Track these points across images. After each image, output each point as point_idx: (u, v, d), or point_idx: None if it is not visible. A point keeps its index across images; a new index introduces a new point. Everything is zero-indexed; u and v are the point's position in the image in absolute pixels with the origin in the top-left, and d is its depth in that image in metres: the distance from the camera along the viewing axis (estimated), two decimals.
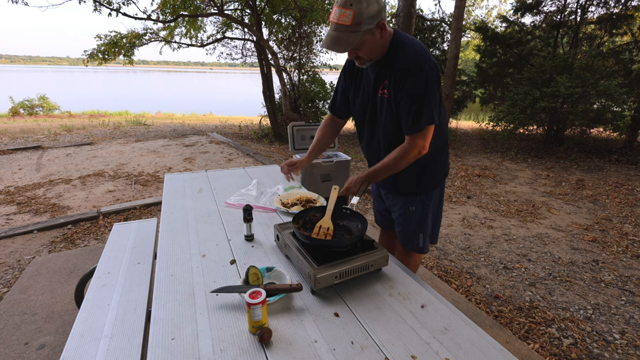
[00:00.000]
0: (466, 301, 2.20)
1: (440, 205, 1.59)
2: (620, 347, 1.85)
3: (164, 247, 1.33)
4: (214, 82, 62.39)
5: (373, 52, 1.24)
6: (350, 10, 1.10)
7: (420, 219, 1.52)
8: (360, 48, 1.20)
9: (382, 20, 1.17)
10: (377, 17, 1.15)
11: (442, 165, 1.50)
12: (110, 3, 6.29)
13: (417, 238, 1.55)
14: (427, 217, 1.52)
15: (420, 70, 1.20)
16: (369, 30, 1.16)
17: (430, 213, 1.53)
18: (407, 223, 1.55)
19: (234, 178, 2.18)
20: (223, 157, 5.77)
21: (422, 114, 1.23)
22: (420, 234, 1.54)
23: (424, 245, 1.57)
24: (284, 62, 8.31)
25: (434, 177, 1.48)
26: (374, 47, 1.22)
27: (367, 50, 1.22)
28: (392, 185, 1.54)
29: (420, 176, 1.46)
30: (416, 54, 1.21)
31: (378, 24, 1.16)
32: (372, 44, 1.20)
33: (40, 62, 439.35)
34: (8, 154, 5.64)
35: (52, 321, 1.93)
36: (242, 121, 11.28)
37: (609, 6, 7.04)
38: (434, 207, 1.54)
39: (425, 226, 1.54)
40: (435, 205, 1.55)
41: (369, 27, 1.15)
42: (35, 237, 2.92)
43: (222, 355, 0.83)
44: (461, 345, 0.87)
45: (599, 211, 3.76)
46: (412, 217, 1.52)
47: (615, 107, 5.88)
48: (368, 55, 1.24)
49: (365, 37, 1.17)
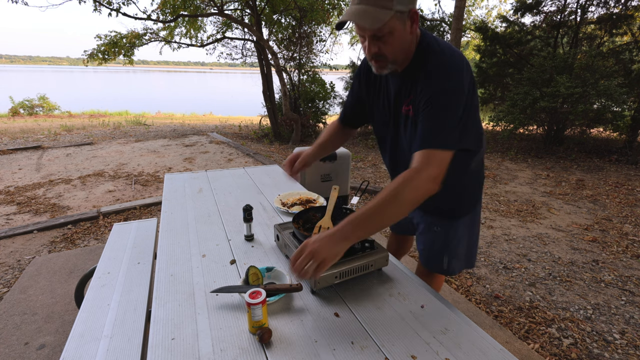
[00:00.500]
0: (466, 301, 2.20)
1: (475, 226, 1.35)
2: (620, 347, 1.85)
3: (164, 247, 1.33)
4: (214, 82, 62.39)
5: (398, 51, 0.99)
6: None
7: (446, 240, 1.31)
8: (387, 39, 0.96)
9: (416, 9, 0.96)
10: (412, 1, 0.94)
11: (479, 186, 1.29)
12: (110, 3, 6.30)
13: (441, 260, 1.33)
14: (454, 237, 1.30)
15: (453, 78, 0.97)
16: (400, 15, 0.93)
17: (458, 233, 1.30)
18: (429, 243, 1.35)
19: (234, 178, 2.18)
20: (223, 157, 5.77)
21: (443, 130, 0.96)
22: (445, 255, 1.32)
23: (449, 268, 1.34)
24: (284, 62, 8.32)
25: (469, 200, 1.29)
26: (401, 43, 0.98)
27: (393, 45, 0.97)
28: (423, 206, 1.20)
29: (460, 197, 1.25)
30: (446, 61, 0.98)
31: (411, 12, 0.95)
32: (401, 38, 0.97)
33: (40, 62, 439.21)
34: (8, 154, 5.64)
35: (52, 321, 1.93)
36: (242, 121, 11.28)
37: (609, 6, 7.04)
38: (467, 227, 1.31)
39: (451, 248, 1.32)
40: (468, 225, 1.31)
41: (401, 10, 0.92)
42: (35, 237, 2.92)
43: (222, 355, 0.83)
44: (461, 345, 0.87)
45: (599, 211, 3.76)
46: (435, 238, 1.32)
47: (615, 107, 5.88)
48: (392, 52, 0.99)
49: (395, 24, 0.93)
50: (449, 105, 0.97)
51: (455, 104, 0.97)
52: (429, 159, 0.94)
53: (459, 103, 0.98)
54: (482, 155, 1.24)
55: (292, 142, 7.41)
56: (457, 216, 1.29)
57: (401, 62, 1.03)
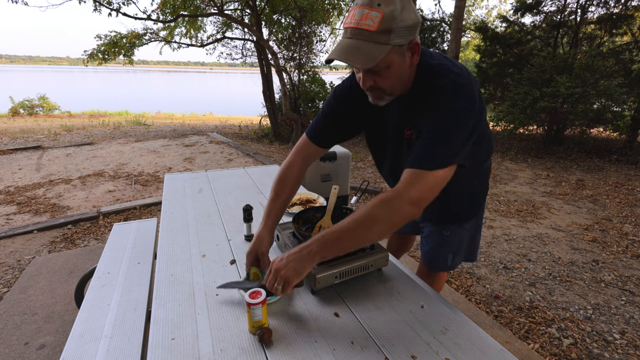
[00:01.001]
0: (466, 301, 2.20)
1: (480, 226, 1.37)
2: (620, 347, 1.85)
3: (164, 247, 1.33)
4: (214, 82, 62.40)
5: (396, 83, 0.92)
6: (377, 12, 0.79)
7: (453, 242, 1.32)
8: (383, 73, 0.88)
9: (416, 40, 0.87)
10: (412, 32, 0.85)
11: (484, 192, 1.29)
12: (110, 3, 6.30)
13: (446, 258, 1.35)
14: (460, 239, 1.32)
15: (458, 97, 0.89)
16: (399, 48, 0.85)
17: (464, 234, 1.32)
18: (436, 244, 1.35)
19: (234, 178, 2.18)
20: (223, 157, 5.77)
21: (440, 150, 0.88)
22: (450, 254, 1.34)
23: (452, 263, 1.36)
24: (284, 62, 8.32)
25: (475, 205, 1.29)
26: (399, 75, 0.90)
27: (390, 78, 0.89)
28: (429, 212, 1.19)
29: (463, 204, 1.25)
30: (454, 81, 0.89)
31: (411, 43, 0.86)
32: (399, 71, 0.89)
33: (40, 62, 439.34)
34: (8, 154, 5.64)
35: (52, 321, 1.93)
36: (242, 121, 11.28)
37: (609, 6, 7.04)
38: (472, 228, 1.33)
39: (459, 248, 1.34)
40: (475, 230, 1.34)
41: (400, 43, 0.83)
42: (35, 237, 2.92)
43: (222, 355, 0.83)
44: (461, 345, 0.87)
45: (599, 211, 3.76)
46: (444, 241, 1.32)
47: (615, 107, 5.88)
48: (389, 86, 0.91)
49: (392, 58, 0.85)
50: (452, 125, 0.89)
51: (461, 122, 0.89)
52: (415, 179, 0.87)
53: (467, 122, 0.90)
54: (490, 160, 1.23)
55: (292, 142, 7.41)
56: (465, 219, 1.30)
57: (399, 92, 0.96)
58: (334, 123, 1.15)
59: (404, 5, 0.81)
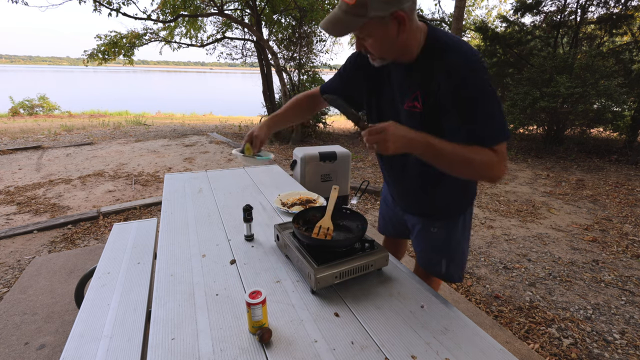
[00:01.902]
0: (466, 301, 2.20)
1: (468, 231, 1.35)
2: (620, 347, 1.85)
3: (164, 247, 1.33)
4: (214, 82, 62.41)
5: (386, 50, 0.99)
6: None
7: (443, 241, 1.30)
8: (368, 41, 0.97)
9: (402, 11, 0.90)
10: (392, 5, 0.89)
11: (471, 189, 1.28)
12: (110, 3, 6.30)
13: (440, 263, 1.32)
14: (452, 239, 1.29)
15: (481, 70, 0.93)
16: (379, 20, 0.91)
17: (458, 235, 1.29)
18: (426, 245, 1.33)
19: (234, 178, 2.18)
20: (223, 157, 5.77)
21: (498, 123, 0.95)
22: (443, 259, 1.31)
23: (448, 272, 1.32)
24: (284, 62, 8.32)
25: (461, 203, 1.28)
26: (386, 44, 0.96)
27: (376, 45, 0.97)
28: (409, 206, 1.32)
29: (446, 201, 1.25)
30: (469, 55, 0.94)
31: (394, 14, 0.90)
32: (384, 39, 0.95)
33: (40, 62, 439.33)
34: (8, 154, 5.64)
35: (52, 321, 1.93)
36: (242, 121, 11.28)
37: (609, 6, 7.04)
38: (462, 229, 1.31)
39: (450, 250, 1.31)
40: (463, 227, 1.31)
41: (379, 15, 0.90)
42: (35, 237, 2.92)
43: (222, 355, 0.83)
44: (461, 345, 0.87)
45: (599, 211, 3.76)
46: (433, 239, 1.31)
47: (615, 107, 5.88)
48: (378, 51, 0.99)
49: (374, 28, 0.93)
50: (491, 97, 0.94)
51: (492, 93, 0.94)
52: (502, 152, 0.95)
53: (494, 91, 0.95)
54: None
55: (292, 142, 7.41)
56: (453, 214, 1.27)
57: (396, 57, 1.01)
58: (343, 82, 1.26)
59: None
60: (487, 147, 0.95)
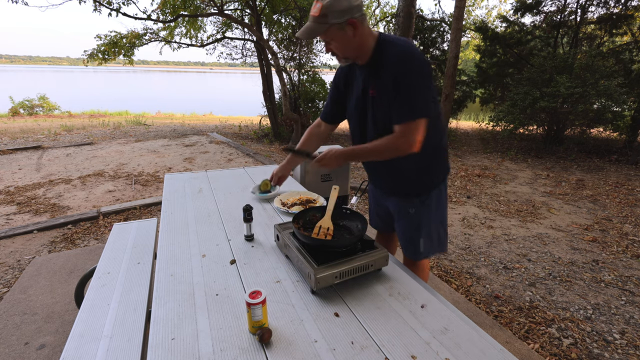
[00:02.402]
0: (466, 301, 2.20)
1: (443, 209, 1.49)
2: (620, 347, 1.85)
3: (164, 247, 1.33)
4: (214, 82, 62.39)
5: (347, 50, 1.27)
6: (319, 3, 1.19)
7: (420, 221, 1.45)
8: (332, 43, 1.26)
9: (354, 19, 1.19)
10: (346, 14, 1.18)
11: (441, 166, 1.44)
12: (110, 3, 6.29)
13: (417, 243, 1.47)
14: (427, 219, 1.44)
15: (411, 60, 1.19)
16: (338, 26, 1.20)
17: (431, 215, 1.45)
18: (407, 226, 1.48)
19: (234, 178, 2.18)
20: (223, 157, 5.77)
21: (414, 103, 1.21)
22: (420, 238, 1.46)
23: (424, 250, 1.47)
24: (284, 62, 8.32)
25: (431, 178, 1.43)
26: (345, 45, 1.25)
27: (338, 46, 1.26)
28: (388, 187, 1.51)
29: (416, 176, 1.41)
30: (404, 48, 1.21)
31: (348, 21, 1.19)
32: (343, 41, 1.24)
33: (40, 62, 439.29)
34: (8, 154, 5.64)
35: (52, 321, 1.93)
36: (242, 121, 11.28)
37: (609, 6, 7.04)
38: (437, 209, 1.46)
39: (426, 230, 1.45)
40: (437, 207, 1.46)
41: (337, 22, 1.19)
42: (35, 237, 2.92)
43: (222, 355, 0.83)
44: (461, 345, 0.87)
45: (599, 211, 3.76)
46: (412, 220, 1.46)
47: (615, 107, 5.88)
48: (341, 51, 1.28)
49: (335, 32, 1.21)
50: (414, 82, 1.20)
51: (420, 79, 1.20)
52: (410, 128, 1.22)
53: (424, 77, 1.20)
54: (440, 123, 1.39)
55: (292, 142, 7.41)
56: (424, 190, 1.43)
57: (356, 57, 1.30)
58: (334, 101, 1.54)
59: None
60: (395, 123, 1.25)
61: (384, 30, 9.94)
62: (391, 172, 1.44)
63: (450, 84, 6.86)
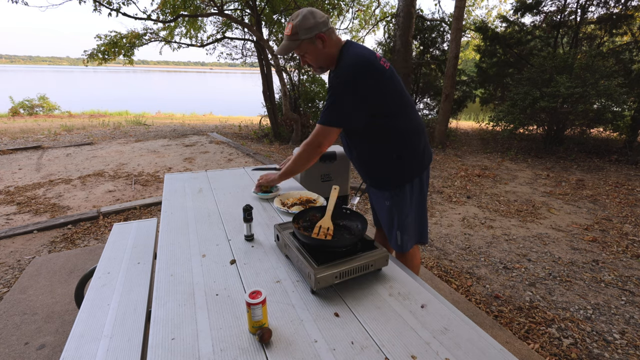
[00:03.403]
0: (466, 301, 2.20)
1: (421, 202, 1.58)
2: (620, 347, 1.85)
3: (164, 247, 1.33)
4: (214, 82, 62.39)
5: (320, 60, 1.43)
6: (291, 24, 1.38)
7: (394, 213, 1.53)
8: (306, 55, 1.42)
9: (321, 33, 1.36)
10: (314, 30, 1.35)
11: (415, 162, 1.51)
12: (110, 3, 6.29)
13: (394, 235, 1.56)
14: (402, 212, 1.52)
15: (338, 75, 1.36)
16: (309, 40, 1.37)
17: (405, 209, 1.52)
18: (382, 218, 1.60)
19: (234, 178, 2.18)
20: (223, 157, 5.77)
21: (325, 111, 1.39)
22: (396, 230, 1.55)
23: (402, 243, 1.56)
24: (284, 62, 8.32)
25: (404, 173, 1.51)
26: (318, 55, 1.41)
27: (312, 58, 1.42)
28: (367, 178, 1.63)
29: (387, 170, 1.51)
30: (344, 62, 1.36)
31: (317, 36, 1.36)
32: (316, 53, 1.40)
33: (40, 62, 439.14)
34: (8, 154, 5.64)
35: (52, 321, 1.93)
36: (242, 121, 11.28)
37: (609, 6, 7.04)
38: (412, 203, 1.53)
39: (399, 222, 1.54)
40: (412, 201, 1.53)
41: (307, 37, 1.36)
42: (35, 237, 2.92)
43: (222, 355, 0.83)
44: (461, 345, 0.87)
45: (599, 211, 3.76)
46: (387, 212, 1.56)
47: (615, 107, 5.88)
48: (315, 62, 1.44)
49: (307, 46, 1.39)
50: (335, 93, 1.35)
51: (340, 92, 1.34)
52: (318, 132, 1.41)
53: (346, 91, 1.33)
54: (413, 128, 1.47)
55: (292, 142, 7.41)
56: (397, 184, 1.51)
57: (327, 65, 1.46)
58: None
59: (305, 16, 1.35)
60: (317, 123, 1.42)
61: (384, 30, 9.93)
62: (364, 167, 1.60)
63: (450, 84, 6.86)
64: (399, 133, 1.46)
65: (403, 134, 1.46)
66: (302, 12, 1.37)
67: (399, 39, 7.18)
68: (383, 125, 1.42)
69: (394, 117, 1.42)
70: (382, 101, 1.38)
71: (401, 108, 1.43)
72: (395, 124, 1.43)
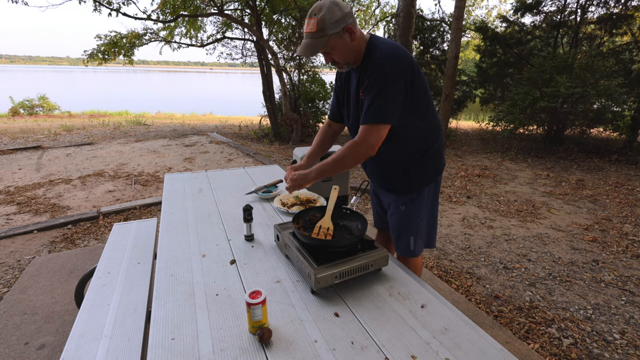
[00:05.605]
0: (466, 301, 2.20)
1: (434, 207, 1.53)
2: (620, 347, 1.85)
3: (164, 247, 1.33)
4: (214, 82, 62.38)
5: (347, 55, 1.30)
6: (314, 19, 1.22)
7: (410, 218, 1.47)
8: (333, 52, 1.29)
9: (349, 24, 1.24)
10: (341, 22, 1.22)
11: (434, 164, 1.46)
12: (110, 3, 6.29)
13: (408, 240, 1.49)
14: (417, 217, 1.47)
15: (385, 65, 1.23)
16: (336, 35, 1.24)
17: (421, 213, 1.48)
18: (397, 222, 1.51)
19: (234, 178, 2.18)
20: (223, 157, 5.77)
21: (374, 108, 1.25)
22: (410, 235, 1.49)
23: (415, 249, 1.51)
24: (284, 62, 8.31)
25: (423, 176, 1.45)
26: (346, 51, 1.28)
27: (340, 54, 1.29)
28: (381, 181, 1.55)
29: (407, 173, 1.44)
30: (384, 52, 1.24)
31: (344, 28, 1.23)
32: (344, 48, 1.27)
33: (40, 62, 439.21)
34: (8, 154, 5.64)
35: (52, 321, 1.93)
36: (242, 121, 11.28)
37: (609, 6, 7.04)
38: (427, 207, 1.49)
39: (415, 227, 1.48)
40: (427, 205, 1.49)
41: (335, 31, 1.23)
42: (35, 237, 2.92)
43: (222, 355, 0.83)
44: (461, 345, 0.87)
45: (599, 211, 3.76)
46: (402, 217, 1.48)
47: (615, 107, 5.88)
48: (342, 58, 1.31)
49: (334, 41, 1.25)
50: (383, 87, 1.23)
51: (392, 86, 1.23)
52: (369, 131, 1.26)
53: (396, 84, 1.23)
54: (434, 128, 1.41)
55: (292, 142, 7.41)
56: (415, 188, 1.45)
57: (354, 61, 1.33)
58: (338, 100, 1.57)
59: (329, 8, 1.21)
60: (361, 124, 1.29)
61: (384, 30, 9.93)
62: (381, 170, 1.50)
63: (450, 84, 6.85)
64: (422, 132, 1.39)
65: (426, 134, 1.40)
66: (324, 4, 1.21)
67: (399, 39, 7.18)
68: (409, 124, 1.33)
69: (418, 115, 1.34)
70: (413, 97, 1.29)
71: (425, 106, 1.35)
72: (419, 123, 1.36)
